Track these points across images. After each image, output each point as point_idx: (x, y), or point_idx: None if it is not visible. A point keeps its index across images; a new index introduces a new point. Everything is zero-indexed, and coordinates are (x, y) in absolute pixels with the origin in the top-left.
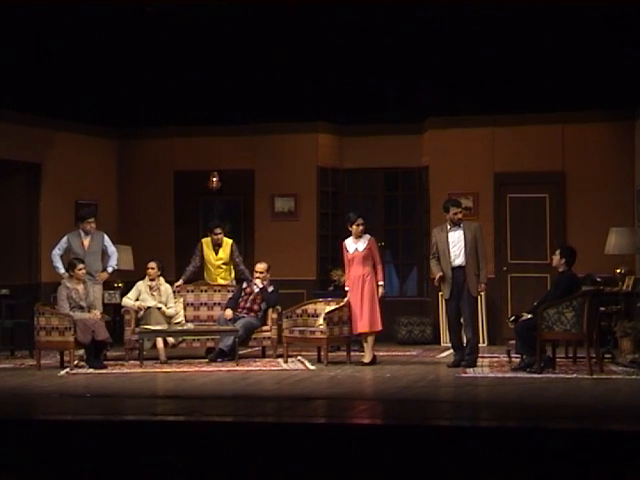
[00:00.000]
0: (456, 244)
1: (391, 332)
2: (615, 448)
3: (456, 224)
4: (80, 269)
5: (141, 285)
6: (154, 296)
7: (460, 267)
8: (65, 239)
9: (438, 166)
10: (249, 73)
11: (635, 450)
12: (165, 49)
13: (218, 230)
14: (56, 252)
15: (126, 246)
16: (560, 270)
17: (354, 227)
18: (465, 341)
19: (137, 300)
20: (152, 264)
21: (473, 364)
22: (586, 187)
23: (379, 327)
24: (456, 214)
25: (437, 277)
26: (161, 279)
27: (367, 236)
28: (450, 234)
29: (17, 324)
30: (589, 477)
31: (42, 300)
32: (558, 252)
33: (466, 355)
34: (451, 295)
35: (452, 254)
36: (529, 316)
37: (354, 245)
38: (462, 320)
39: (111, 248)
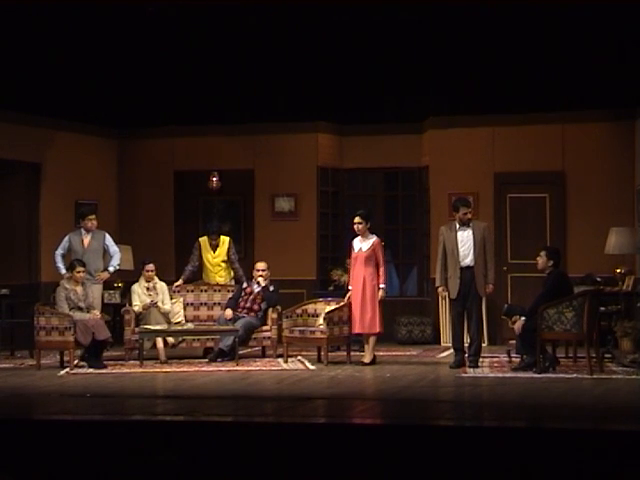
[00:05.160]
0: (465, 243)
1: (391, 332)
2: (615, 448)
3: (465, 223)
4: (79, 271)
5: (137, 288)
6: (151, 296)
7: (468, 267)
8: (67, 238)
9: (438, 166)
10: (249, 73)
11: (635, 450)
12: (165, 49)
13: (215, 236)
14: (58, 252)
15: (126, 246)
16: (547, 272)
17: (354, 225)
18: (469, 342)
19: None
20: (151, 266)
21: (477, 365)
22: (586, 187)
23: (377, 329)
24: (466, 214)
25: (440, 290)
26: (155, 278)
27: (373, 237)
28: (459, 233)
29: (17, 324)
30: (589, 477)
31: (42, 300)
32: (544, 254)
33: (470, 356)
34: (458, 295)
35: (461, 253)
36: (522, 318)
37: (359, 245)
38: (466, 320)
39: (113, 248)
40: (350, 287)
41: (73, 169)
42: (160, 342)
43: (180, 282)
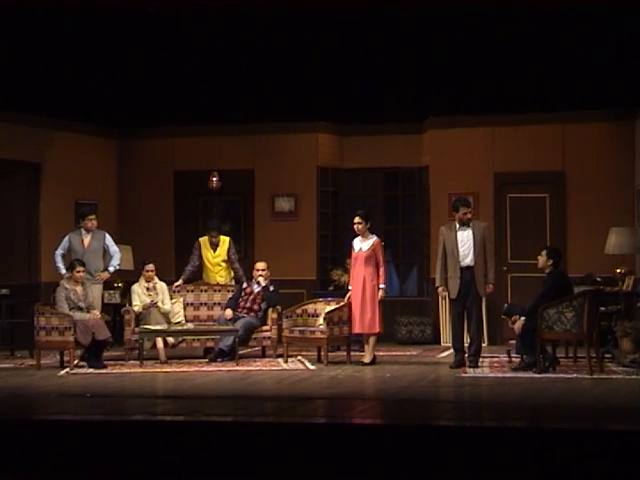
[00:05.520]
0: (465, 243)
1: (391, 332)
2: (615, 448)
3: (465, 224)
4: (79, 271)
5: (137, 288)
6: (151, 296)
7: (468, 267)
8: (67, 238)
9: (438, 166)
10: (249, 73)
11: (635, 450)
12: (165, 49)
13: (215, 233)
14: (58, 252)
15: (126, 246)
16: (547, 272)
17: (354, 225)
18: (469, 342)
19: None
20: (151, 266)
21: (477, 365)
22: (586, 187)
23: (377, 329)
24: (465, 214)
25: (440, 290)
26: (155, 278)
27: (373, 237)
28: (459, 233)
29: (17, 324)
30: (589, 477)
31: (42, 300)
32: (544, 253)
33: (470, 356)
34: (458, 295)
35: (461, 253)
36: (522, 318)
37: (359, 245)
38: (466, 320)
39: (113, 248)
40: (350, 287)
41: (73, 169)
42: (160, 342)
43: (180, 282)
